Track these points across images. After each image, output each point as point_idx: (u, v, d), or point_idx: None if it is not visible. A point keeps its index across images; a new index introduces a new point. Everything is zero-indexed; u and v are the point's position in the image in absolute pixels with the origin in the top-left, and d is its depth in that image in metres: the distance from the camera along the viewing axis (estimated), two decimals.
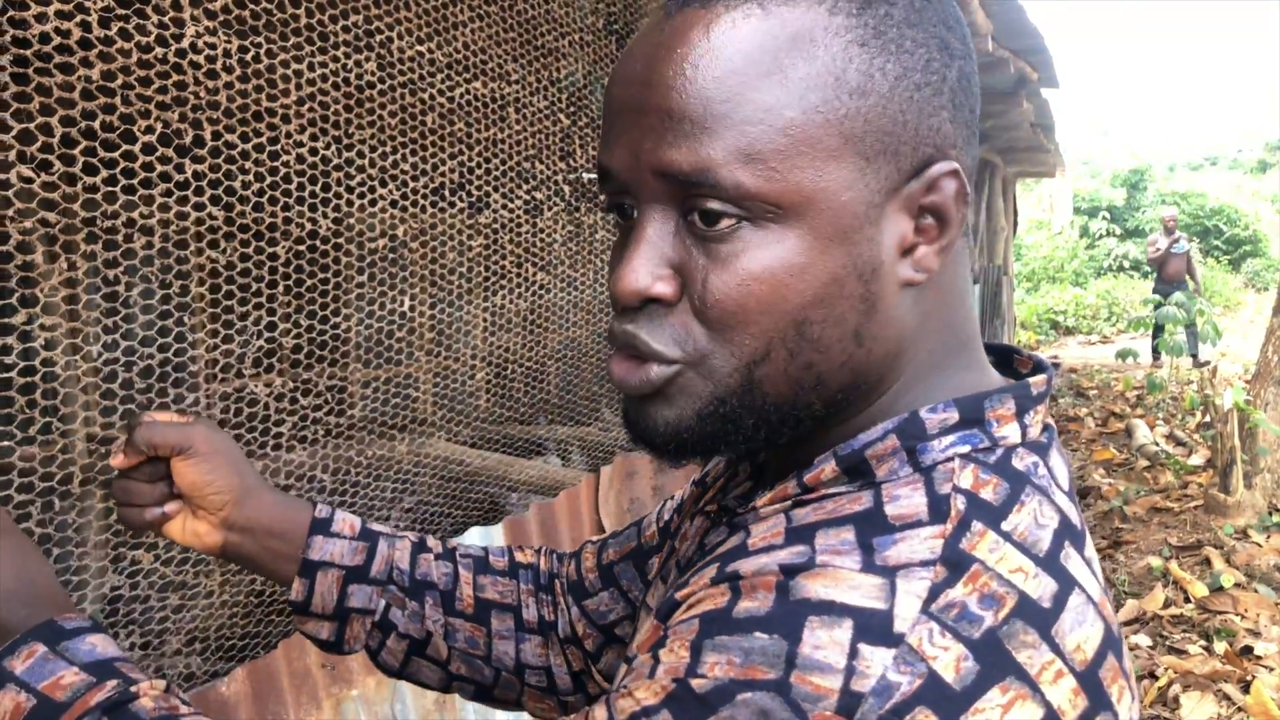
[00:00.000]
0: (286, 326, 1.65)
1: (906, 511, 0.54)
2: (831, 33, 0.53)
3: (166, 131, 1.43)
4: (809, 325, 0.55)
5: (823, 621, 0.48)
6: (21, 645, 0.68)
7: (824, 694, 0.46)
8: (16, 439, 1.30)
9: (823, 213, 0.54)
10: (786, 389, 0.57)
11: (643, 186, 0.56)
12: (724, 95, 0.52)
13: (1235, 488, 5.75)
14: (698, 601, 0.53)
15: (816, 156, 0.53)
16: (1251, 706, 3.66)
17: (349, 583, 0.87)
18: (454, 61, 1.94)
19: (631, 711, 0.50)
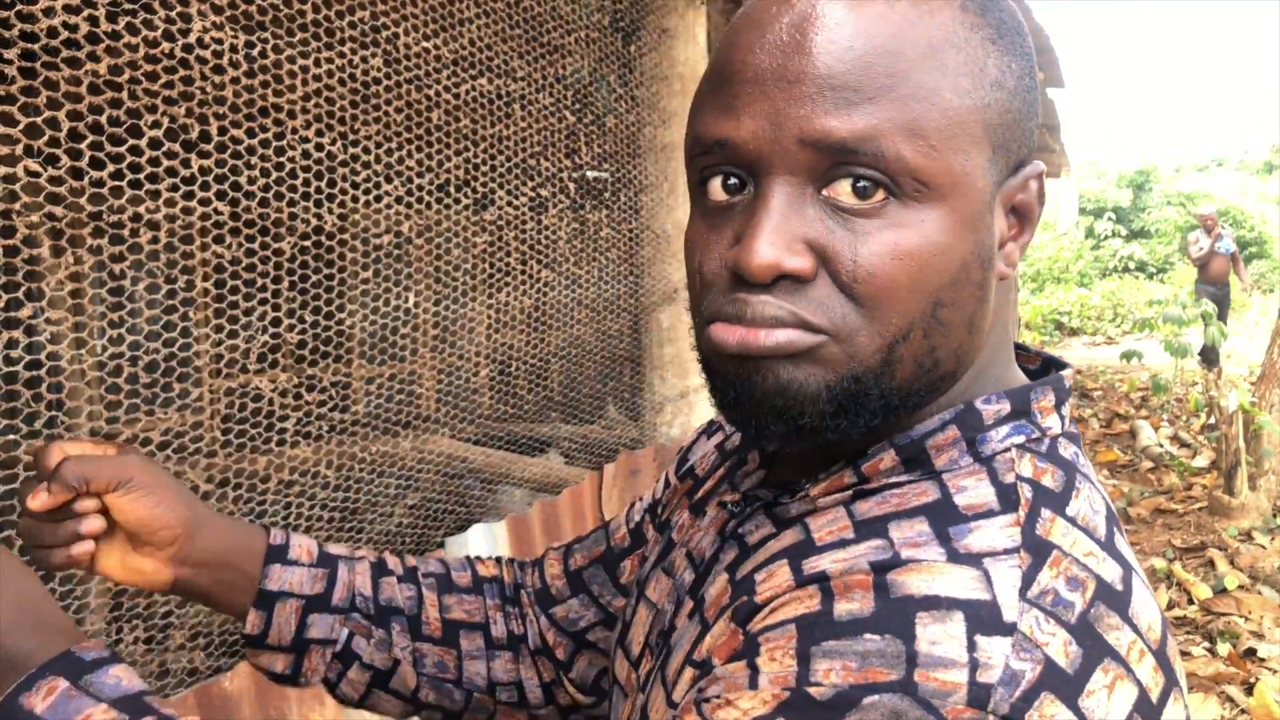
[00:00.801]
0: (291, 322, 1.65)
1: (976, 501, 0.54)
2: (969, 27, 0.55)
3: (173, 126, 1.43)
4: (942, 307, 0.55)
5: (933, 617, 0.48)
6: (40, 680, 0.62)
7: (952, 689, 0.46)
8: (22, 433, 1.30)
9: (964, 196, 0.54)
10: (913, 371, 0.56)
11: (779, 157, 0.54)
12: (888, 69, 0.52)
13: (1239, 490, 5.73)
14: (783, 605, 0.52)
15: (966, 140, 0.54)
16: (1255, 709, 3.65)
17: (309, 612, 0.81)
18: (460, 58, 1.94)
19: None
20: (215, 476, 1.65)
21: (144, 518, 0.75)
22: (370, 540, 1.99)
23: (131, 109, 1.38)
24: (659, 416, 2.89)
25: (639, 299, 2.82)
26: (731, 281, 0.56)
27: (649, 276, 2.82)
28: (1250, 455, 5.78)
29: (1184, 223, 23.53)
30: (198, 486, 1.63)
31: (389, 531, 2.06)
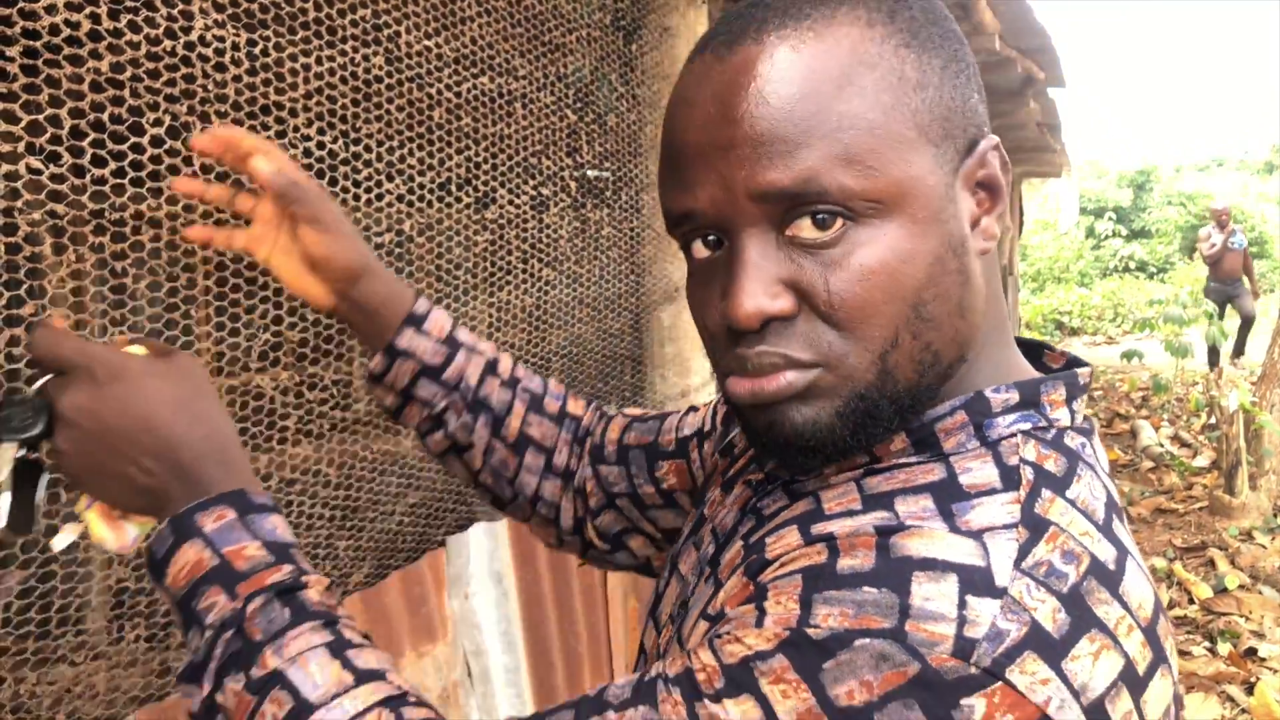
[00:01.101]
0: (293, 320, 1.65)
1: (980, 481, 0.59)
2: (879, 41, 0.59)
3: (175, 125, 1.43)
4: (924, 305, 0.59)
5: (928, 576, 0.53)
6: (214, 505, 0.70)
7: (939, 640, 0.51)
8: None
9: (917, 199, 0.58)
10: (913, 372, 0.60)
11: (739, 215, 0.59)
12: (808, 111, 0.57)
13: (1240, 489, 5.73)
14: (793, 560, 0.57)
15: (902, 150, 0.58)
16: (1255, 708, 3.65)
17: (421, 376, 0.95)
18: (461, 56, 1.94)
19: (743, 655, 0.53)
20: None
21: (325, 255, 0.89)
22: (371, 539, 1.99)
23: (133, 107, 1.38)
24: None
25: (640, 297, 2.82)
26: (729, 335, 0.61)
27: (650, 275, 2.82)
28: (1251, 455, 5.78)
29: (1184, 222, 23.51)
30: None
31: (390, 530, 2.06)
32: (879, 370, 0.59)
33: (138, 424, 0.69)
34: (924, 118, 0.59)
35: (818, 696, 0.51)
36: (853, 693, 0.50)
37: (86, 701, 1.49)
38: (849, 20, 0.59)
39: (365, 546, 1.96)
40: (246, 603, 0.66)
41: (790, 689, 0.52)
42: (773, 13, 0.59)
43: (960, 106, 0.61)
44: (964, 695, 0.50)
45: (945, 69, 0.60)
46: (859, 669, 0.51)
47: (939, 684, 0.50)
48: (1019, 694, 0.50)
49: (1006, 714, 0.50)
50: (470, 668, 2.16)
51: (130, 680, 1.58)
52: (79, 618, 1.50)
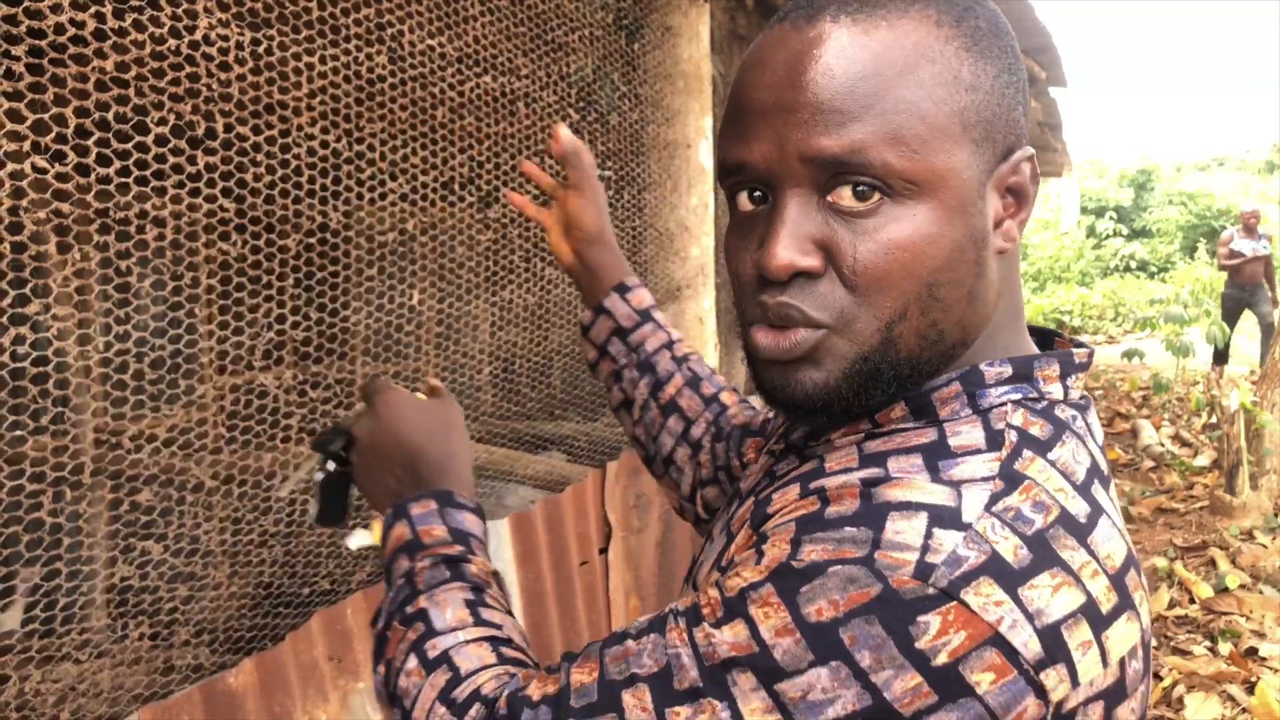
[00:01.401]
0: (296, 319, 1.66)
1: (967, 442, 0.64)
2: (943, 40, 0.64)
3: (179, 124, 1.43)
4: (938, 287, 0.64)
5: (902, 515, 0.59)
6: (423, 498, 0.89)
7: (902, 564, 0.56)
8: (29, 429, 1.31)
9: (950, 189, 0.64)
10: (916, 345, 0.66)
11: (787, 173, 0.64)
12: (868, 90, 0.62)
13: (1241, 489, 5.73)
14: (790, 511, 0.64)
15: (945, 141, 0.63)
16: (1255, 708, 3.66)
17: (614, 335, 1.14)
18: (464, 56, 1.94)
19: (740, 587, 0.60)
20: (221, 472, 1.65)
21: (577, 215, 1.12)
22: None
23: (138, 106, 1.38)
24: None
25: None
26: (758, 282, 0.67)
27: (652, 274, 2.82)
28: (1252, 454, 5.78)
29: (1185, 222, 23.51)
30: (203, 483, 1.63)
31: None
32: (883, 338, 0.65)
33: (397, 445, 0.92)
34: (970, 117, 0.64)
35: (793, 615, 0.57)
36: (822, 610, 0.57)
37: (90, 699, 1.50)
38: (920, 17, 0.64)
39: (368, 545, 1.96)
40: (419, 563, 0.83)
41: (771, 610, 0.58)
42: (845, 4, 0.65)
43: (1004, 115, 0.66)
44: (920, 613, 0.55)
45: (997, 78, 0.66)
46: (829, 590, 0.57)
47: (898, 602, 0.56)
48: (972, 613, 0.56)
49: (960, 630, 0.55)
50: None
51: (134, 678, 1.58)
52: (84, 615, 1.51)
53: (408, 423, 0.93)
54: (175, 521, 1.61)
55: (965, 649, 0.55)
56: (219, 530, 1.73)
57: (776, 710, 0.58)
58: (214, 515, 1.73)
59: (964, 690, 0.56)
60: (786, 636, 0.57)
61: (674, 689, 0.61)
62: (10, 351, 1.26)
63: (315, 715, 1.76)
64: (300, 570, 1.83)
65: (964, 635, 0.55)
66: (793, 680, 0.57)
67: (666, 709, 0.61)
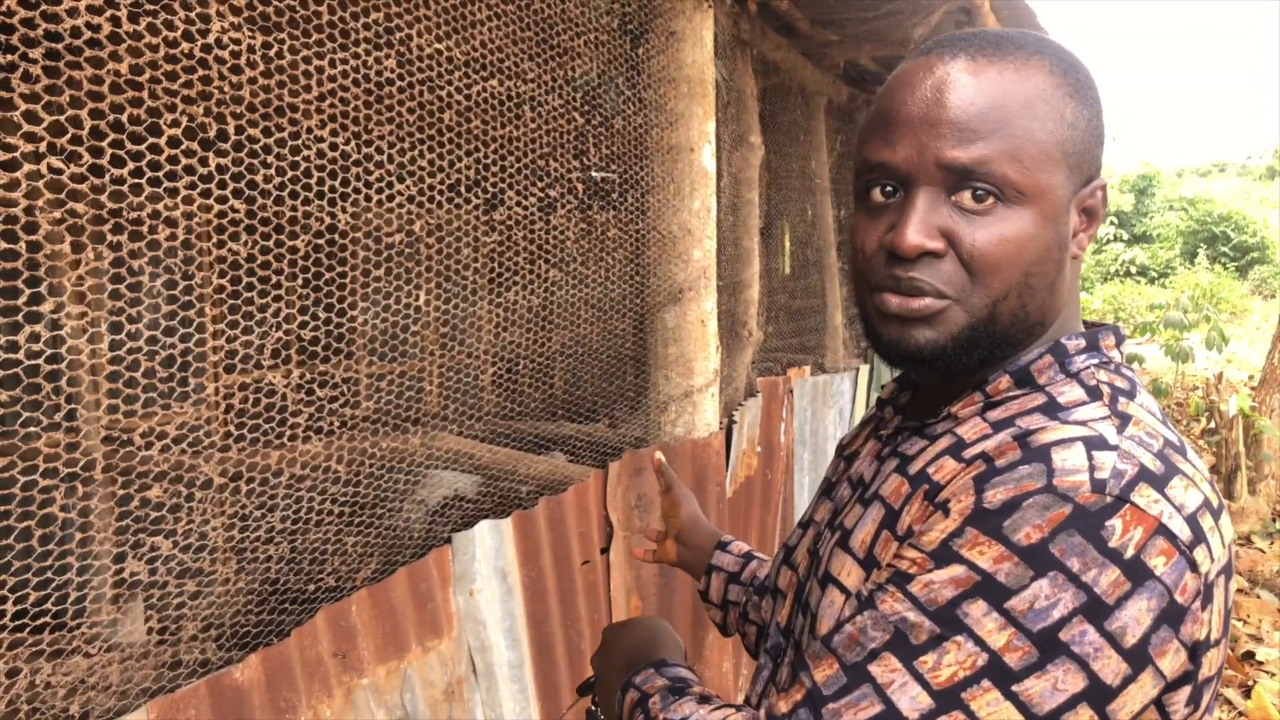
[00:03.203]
0: (304, 319, 1.67)
1: (1073, 398, 0.81)
2: (1054, 86, 0.82)
3: (191, 125, 1.45)
4: (1032, 276, 0.82)
5: (1061, 447, 0.73)
6: (644, 668, 1.03)
7: (1079, 485, 0.71)
8: (43, 425, 1.33)
9: (1048, 201, 0.81)
10: (1009, 322, 0.83)
11: (923, 173, 0.81)
12: (997, 117, 0.80)
13: (1239, 494, 5.75)
14: (959, 477, 0.77)
15: (1050, 164, 0.81)
16: (1252, 712, 3.67)
17: (729, 584, 1.30)
18: (472, 59, 1.96)
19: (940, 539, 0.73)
20: (229, 470, 1.67)
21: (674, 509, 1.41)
22: (379, 534, 2.01)
23: (151, 108, 1.40)
24: (663, 415, 2.91)
25: (644, 299, 2.84)
26: (888, 259, 0.83)
27: (655, 277, 2.84)
28: (1250, 459, 5.79)
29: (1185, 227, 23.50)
30: (211, 479, 1.65)
31: (396, 527, 2.08)
32: (990, 312, 0.82)
33: (619, 651, 1.11)
34: (1069, 148, 0.81)
35: (1006, 544, 0.70)
36: (1029, 534, 0.70)
37: (99, 693, 1.52)
38: (1039, 66, 0.82)
39: (373, 543, 1.98)
40: (650, 701, 0.96)
41: (984, 547, 0.71)
42: (989, 44, 0.83)
43: (1091, 150, 0.84)
44: (1106, 518, 0.69)
45: (1090, 121, 0.83)
46: (1030, 518, 0.70)
47: (1087, 514, 0.69)
48: (1141, 510, 0.70)
49: (1136, 526, 0.70)
50: (475, 663, 2.18)
51: (142, 673, 1.60)
52: (94, 609, 1.53)
53: (622, 640, 1.13)
54: (183, 518, 1.63)
55: (1143, 540, 0.69)
56: (226, 526, 1.75)
57: (1010, 625, 0.69)
58: (221, 512, 1.74)
59: (1148, 574, 0.69)
60: (1005, 562, 0.70)
61: (913, 644, 0.72)
62: (26, 349, 1.28)
63: (320, 710, 1.78)
64: (306, 567, 1.85)
65: (1140, 529, 0.69)
66: (1020, 595, 0.69)
67: (914, 661, 0.71)
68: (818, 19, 3.98)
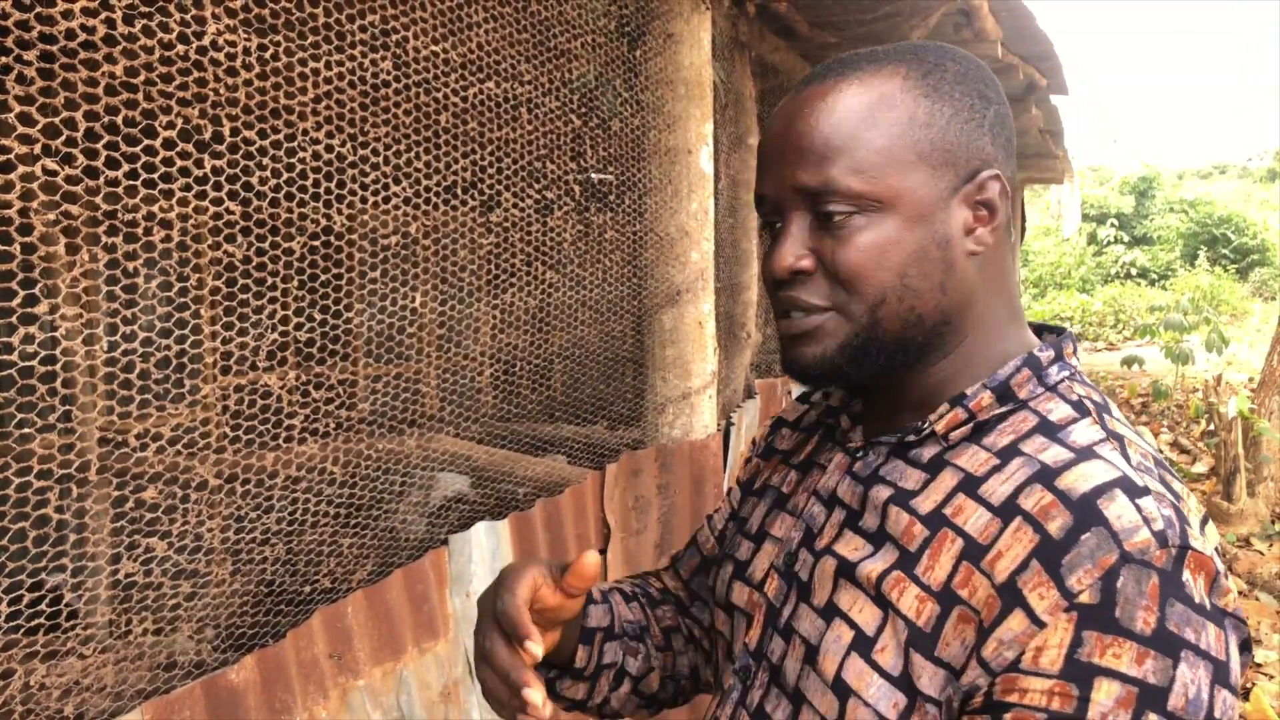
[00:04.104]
0: (300, 321, 1.68)
1: (1063, 416, 0.81)
2: (902, 90, 0.82)
3: (187, 127, 1.46)
4: (908, 278, 0.82)
5: (1106, 498, 0.71)
6: None
7: (1147, 545, 0.69)
8: (37, 426, 1.33)
9: (907, 204, 0.81)
10: (898, 325, 0.83)
11: (787, 201, 0.84)
12: (838, 136, 0.81)
13: (1238, 496, 5.74)
14: (1008, 547, 0.73)
15: (900, 166, 0.81)
16: (1251, 714, 3.67)
17: (605, 641, 1.04)
18: (468, 61, 1.96)
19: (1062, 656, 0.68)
20: (224, 472, 1.67)
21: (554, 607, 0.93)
22: (374, 536, 2.01)
23: (146, 110, 1.40)
24: (661, 417, 2.91)
25: (642, 301, 2.84)
26: (774, 285, 0.86)
27: (652, 279, 2.84)
28: (1249, 462, 5.79)
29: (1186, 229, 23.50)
30: (206, 481, 1.65)
31: (392, 529, 2.08)
32: (870, 318, 0.82)
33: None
34: (923, 148, 0.82)
35: (1133, 638, 0.67)
36: (1145, 620, 0.67)
37: (94, 694, 1.52)
38: (889, 74, 0.83)
39: (369, 544, 1.98)
40: None
41: (1116, 648, 0.67)
42: (842, 65, 0.84)
43: (964, 144, 0.83)
44: (1180, 574, 0.68)
45: (954, 116, 0.82)
46: (1133, 599, 0.68)
47: (1170, 575, 0.68)
48: (1197, 553, 0.70)
49: (1199, 573, 0.70)
50: (471, 665, 2.18)
51: (137, 674, 1.60)
52: (88, 611, 1.53)
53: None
54: (179, 519, 1.63)
55: (1208, 586, 0.70)
56: (222, 528, 1.75)
57: None
58: (217, 513, 1.75)
59: (1223, 614, 0.70)
60: (1146, 659, 0.67)
61: None
62: (20, 351, 1.28)
63: (315, 712, 1.78)
64: (302, 568, 1.85)
65: (1202, 575, 0.70)
66: (1174, 692, 0.66)
67: None
68: (816, 21, 3.99)
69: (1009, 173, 0.85)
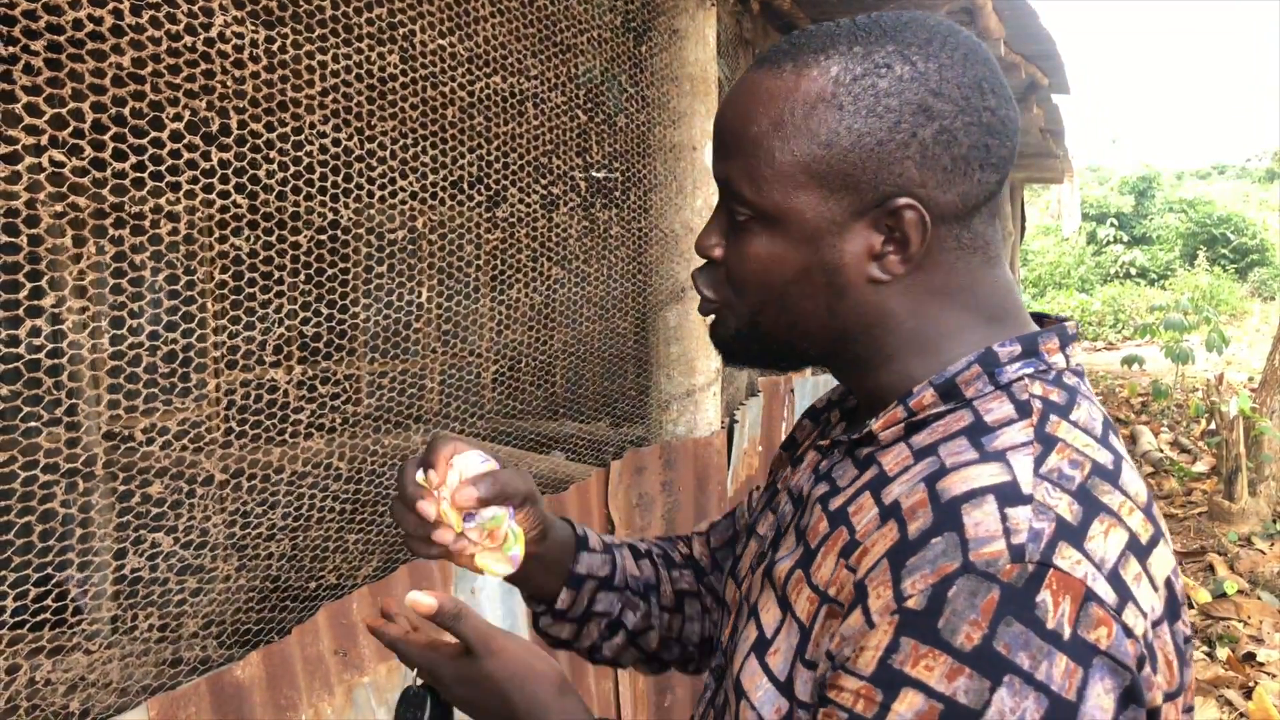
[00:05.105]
0: (306, 315, 1.67)
1: (1000, 416, 0.72)
2: (819, 97, 0.73)
3: (193, 119, 1.45)
4: (788, 298, 0.78)
5: (973, 504, 0.65)
6: None
7: (997, 556, 0.62)
8: (44, 420, 1.32)
9: (793, 224, 0.75)
10: (783, 334, 0.80)
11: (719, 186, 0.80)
12: (746, 133, 0.75)
13: (1240, 495, 5.75)
14: (873, 544, 0.68)
15: (789, 186, 0.75)
16: (1253, 713, 3.67)
17: (598, 590, 1.04)
18: (475, 56, 1.95)
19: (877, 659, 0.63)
20: (230, 467, 1.66)
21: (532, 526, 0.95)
22: (380, 532, 2.00)
23: (154, 102, 1.40)
24: (665, 414, 2.91)
25: (647, 297, 2.84)
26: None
27: (657, 275, 2.83)
28: (1250, 461, 5.79)
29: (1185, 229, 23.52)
30: (213, 475, 1.64)
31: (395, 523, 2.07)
32: (749, 324, 0.81)
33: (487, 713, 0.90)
34: (819, 168, 0.74)
35: (949, 652, 0.61)
36: (969, 635, 0.61)
37: (100, 690, 1.51)
38: (816, 71, 0.74)
39: (374, 540, 1.97)
40: None
41: (929, 660, 0.61)
42: (791, 44, 0.76)
43: (872, 168, 0.73)
44: (1033, 593, 0.61)
45: (864, 136, 0.73)
46: (961, 613, 0.61)
47: (1014, 592, 0.61)
48: (1065, 574, 0.61)
49: (1064, 595, 0.61)
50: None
51: (142, 670, 1.60)
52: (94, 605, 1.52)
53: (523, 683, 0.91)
54: (184, 515, 1.62)
55: (1074, 613, 0.61)
56: (227, 523, 1.74)
57: None
58: (223, 509, 1.74)
59: (1093, 650, 0.61)
60: (959, 677, 0.60)
61: None
62: (26, 344, 1.28)
63: (321, 708, 1.78)
64: (307, 564, 1.84)
65: (1068, 599, 0.61)
66: (985, 716, 0.59)
67: None
68: (820, 18, 3.98)
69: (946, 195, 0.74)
